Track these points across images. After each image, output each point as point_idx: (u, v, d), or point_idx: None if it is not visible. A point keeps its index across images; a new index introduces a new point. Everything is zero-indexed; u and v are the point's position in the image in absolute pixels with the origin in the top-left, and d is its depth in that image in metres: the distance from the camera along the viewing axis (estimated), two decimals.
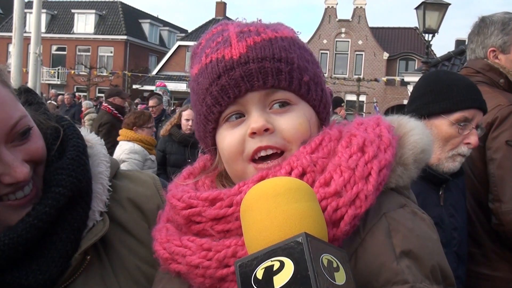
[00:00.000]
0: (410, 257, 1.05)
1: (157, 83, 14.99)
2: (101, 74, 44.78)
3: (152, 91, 19.42)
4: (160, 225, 1.30)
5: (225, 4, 50.19)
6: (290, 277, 0.83)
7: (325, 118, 1.29)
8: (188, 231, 1.19)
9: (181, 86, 43.45)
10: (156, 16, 58.69)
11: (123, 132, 7.11)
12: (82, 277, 1.34)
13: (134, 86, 44.91)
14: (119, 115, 8.84)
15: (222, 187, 1.27)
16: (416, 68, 36.00)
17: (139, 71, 45.48)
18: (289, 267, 0.84)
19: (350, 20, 46.15)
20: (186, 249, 1.14)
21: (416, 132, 1.22)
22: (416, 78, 20.25)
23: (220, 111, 1.20)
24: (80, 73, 44.03)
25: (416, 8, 15.03)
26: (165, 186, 1.57)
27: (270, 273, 0.85)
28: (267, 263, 0.87)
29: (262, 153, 1.17)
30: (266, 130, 1.15)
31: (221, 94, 1.17)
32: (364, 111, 40.85)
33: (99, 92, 46.29)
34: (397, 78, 39.61)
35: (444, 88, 2.64)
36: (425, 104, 2.65)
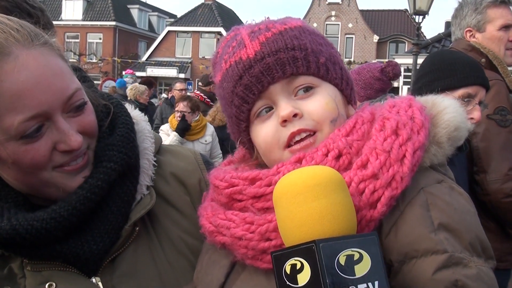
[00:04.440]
0: (448, 230, 1.08)
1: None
2: (91, 61, 44.46)
3: (142, 77, 19.42)
4: (205, 204, 1.37)
5: None
6: (308, 279, 0.90)
7: (350, 94, 1.34)
8: (231, 208, 1.27)
9: (171, 72, 43.26)
10: (144, 1, 58.02)
11: None
12: (132, 247, 1.42)
13: (124, 73, 44.57)
14: (211, 103, 8.66)
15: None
16: (406, 50, 36.08)
17: (129, 57, 45.06)
18: (307, 270, 0.90)
19: (340, 3, 46.00)
20: (230, 222, 1.21)
21: (449, 110, 1.25)
22: (406, 60, 20.38)
23: (249, 109, 1.26)
24: (70, 60, 43.41)
25: None
26: (205, 161, 1.65)
27: (294, 270, 0.92)
28: (292, 261, 0.93)
29: (297, 138, 1.23)
30: (295, 115, 1.21)
31: (246, 93, 1.24)
32: None
33: None
34: (387, 61, 39.64)
35: (448, 66, 2.77)
36: (430, 81, 2.77)
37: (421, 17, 14.95)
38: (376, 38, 45.30)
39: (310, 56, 1.24)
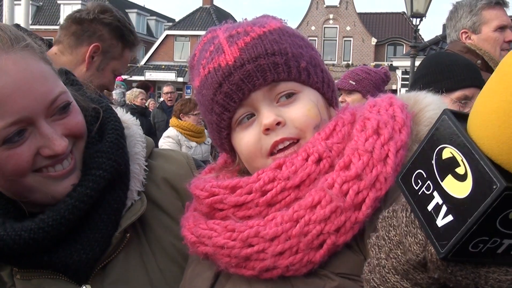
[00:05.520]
0: None
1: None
2: None
3: (139, 81, 19.48)
4: (188, 214, 1.34)
5: None
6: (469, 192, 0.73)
7: (331, 97, 1.31)
8: (213, 217, 1.24)
9: (170, 76, 43.23)
10: (142, 5, 58.19)
11: (170, 120, 7.26)
12: (123, 254, 1.39)
13: (123, 77, 44.67)
14: None
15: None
16: (404, 52, 36.15)
17: None
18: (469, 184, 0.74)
19: (338, 6, 46.12)
20: (212, 231, 1.18)
21: (432, 107, 1.22)
22: (404, 63, 20.41)
23: (230, 117, 1.23)
24: None
25: None
26: (198, 165, 1.62)
27: (452, 164, 0.76)
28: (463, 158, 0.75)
29: (280, 146, 1.20)
30: (278, 124, 1.18)
31: (227, 101, 1.20)
32: None
33: None
34: (386, 63, 39.75)
35: (445, 68, 2.77)
36: (427, 83, 2.75)
37: (418, 19, 14.95)
38: (374, 40, 45.38)
39: (291, 61, 1.21)
